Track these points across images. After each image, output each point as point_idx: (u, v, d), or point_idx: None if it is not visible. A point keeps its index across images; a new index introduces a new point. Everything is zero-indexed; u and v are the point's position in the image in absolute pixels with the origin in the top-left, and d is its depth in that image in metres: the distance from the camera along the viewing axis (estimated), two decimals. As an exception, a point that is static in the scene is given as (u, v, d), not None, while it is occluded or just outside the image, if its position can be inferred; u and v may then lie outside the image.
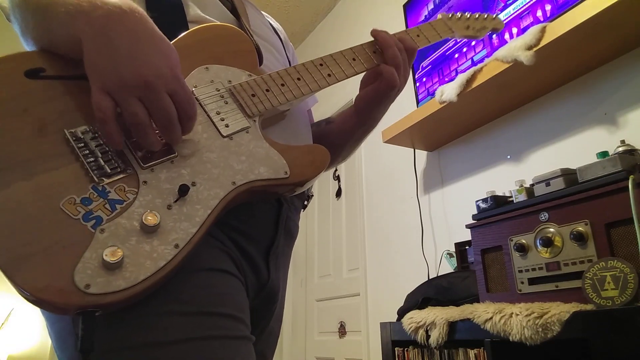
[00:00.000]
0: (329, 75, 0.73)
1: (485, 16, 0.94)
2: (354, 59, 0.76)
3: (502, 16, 1.57)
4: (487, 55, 1.54)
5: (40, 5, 0.55)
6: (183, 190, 0.53)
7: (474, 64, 1.60)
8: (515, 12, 1.54)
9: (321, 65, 0.73)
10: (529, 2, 1.50)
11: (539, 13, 1.46)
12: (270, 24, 0.92)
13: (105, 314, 0.48)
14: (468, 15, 0.91)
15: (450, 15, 0.90)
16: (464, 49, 1.73)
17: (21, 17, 0.58)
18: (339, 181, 2.89)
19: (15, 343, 3.12)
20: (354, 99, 0.83)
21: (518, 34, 1.48)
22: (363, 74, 0.79)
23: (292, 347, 2.96)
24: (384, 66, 0.75)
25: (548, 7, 1.43)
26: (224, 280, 0.60)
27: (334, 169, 2.92)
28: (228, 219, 0.60)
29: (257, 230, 0.68)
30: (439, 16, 0.90)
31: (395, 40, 0.77)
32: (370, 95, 0.79)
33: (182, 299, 0.54)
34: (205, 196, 0.55)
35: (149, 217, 0.50)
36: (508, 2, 1.58)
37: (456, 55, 1.77)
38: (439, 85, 1.78)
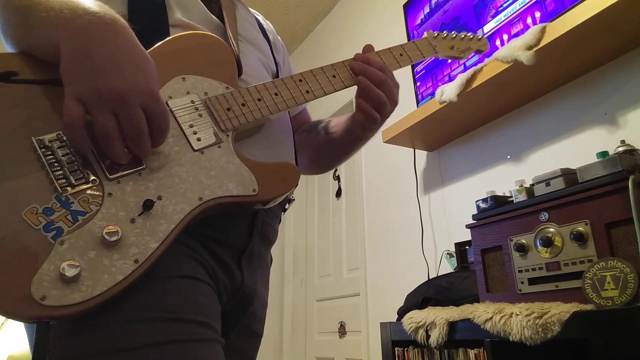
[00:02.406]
0: (308, 92, 0.72)
1: (471, 36, 0.94)
2: (334, 76, 0.75)
3: (493, 23, 1.61)
4: (479, 61, 1.55)
5: (21, 7, 0.55)
6: (147, 205, 0.53)
7: (466, 69, 1.62)
8: (506, 18, 1.57)
9: (300, 81, 0.72)
10: (519, 9, 1.52)
11: (529, 20, 1.48)
12: (260, 25, 0.91)
13: (67, 321, 0.48)
14: (454, 35, 0.91)
15: (435, 34, 0.90)
16: (442, 59, 1.75)
17: (2, 17, 0.58)
18: (339, 181, 2.89)
19: (15, 343, 3.12)
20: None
21: (509, 40, 1.49)
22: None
23: (292, 347, 2.96)
24: (360, 102, 0.75)
25: (538, 14, 1.45)
26: (192, 287, 0.59)
27: (334, 169, 2.92)
28: (200, 227, 0.60)
29: (231, 236, 0.67)
30: (425, 35, 0.90)
31: (375, 74, 0.75)
32: (360, 122, 0.79)
33: (146, 306, 0.54)
34: (170, 211, 0.54)
35: (110, 231, 0.49)
36: (499, 9, 1.60)
37: (449, 60, 1.79)
38: (433, 90, 1.81)
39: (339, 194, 2.87)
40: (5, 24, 0.58)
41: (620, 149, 1.12)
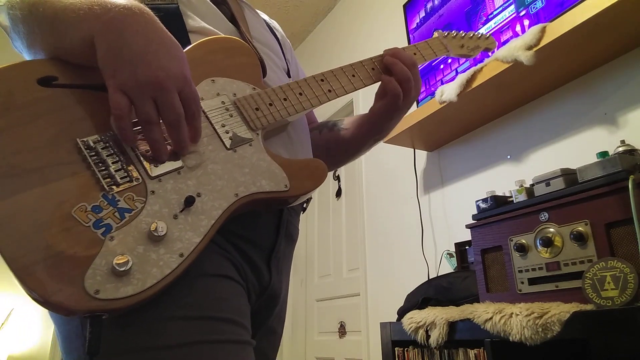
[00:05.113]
0: (330, 90, 0.75)
1: (479, 35, 0.96)
2: (353, 76, 0.78)
3: (484, 30, 1.64)
4: (479, 61, 1.56)
5: (47, 16, 0.56)
6: (189, 201, 0.55)
7: (457, 74, 1.64)
8: (496, 26, 1.60)
9: (322, 80, 0.76)
10: (509, 17, 1.55)
11: (518, 28, 1.51)
12: (267, 24, 0.93)
13: (111, 317, 0.49)
14: (463, 34, 0.94)
15: (445, 34, 0.92)
16: (449, 60, 1.80)
17: (27, 30, 0.59)
18: (339, 181, 2.89)
19: (15, 343, 3.12)
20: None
21: (499, 47, 1.52)
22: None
23: (292, 347, 2.96)
24: (385, 77, 0.78)
25: (526, 22, 1.48)
26: (225, 286, 0.61)
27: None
28: (230, 225, 0.61)
29: (259, 235, 0.69)
30: (435, 34, 0.92)
31: (405, 55, 0.79)
32: (382, 109, 0.81)
33: (184, 304, 0.55)
34: (209, 207, 0.56)
35: (156, 226, 0.51)
36: (490, 17, 1.64)
37: (441, 66, 1.82)
38: (426, 94, 1.87)
39: (339, 194, 2.87)
40: (32, 36, 0.59)
41: (620, 149, 1.12)
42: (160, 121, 0.55)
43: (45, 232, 0.47)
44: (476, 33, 0.96)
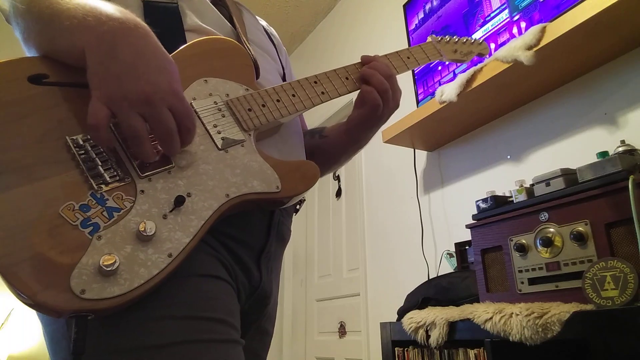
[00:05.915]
0: (323, 93, 0.75)
1: (472, 41, 0.97)
2: (347, 78, 0.78)
3: (481, 32, 1.66)
4: (479, 61, 1.57)
5: (43, 16, 0.56)
6: (179, 201, 0.54)
7: (455, 76, 1.65)
8: (494, 28, 1.62)
9: (315, 83, 0.75)
10: (506, 19, 1.57)
11: (515, 30, 1.52)
12: (265, 30, 0.93)
13: (98, 317, 0.48)
14: (456, 39, 0.95)
15: (439, 39, 0.93)
16: (447, 62, 1.80)
17: (24, 24, 0.59)
18: (339, 181, 2.89)
19: (15, 343, 3.12)
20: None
21: (496, 49, 1.53)
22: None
23: (292, 347, 2.96)
24: (364, 87, 0.77)
25: (523, 25, 1.50)
26: (215, 286, 0.60)
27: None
28: (220, 225, 0.61)
29: (250, 235, 0.68)
30: (429, 39, 0.93)
31: (382, 66, 0.78)
32: (359, 118, 0.81)
33: (173, 304, 0.55)
34: (199, 207, 0.56)
35: (145, 226, 0.51)
36: (487, 19, 1.65)
37: (439, 68, 1.83)
38: (424, 96, 1.89)
39: (339, 194, 2.87)
40: (27, 32, 0.59)
41: (620, 149, 1.12)
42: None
43: (31, 230, 0.47)
44: (469, 38, 0.97)
